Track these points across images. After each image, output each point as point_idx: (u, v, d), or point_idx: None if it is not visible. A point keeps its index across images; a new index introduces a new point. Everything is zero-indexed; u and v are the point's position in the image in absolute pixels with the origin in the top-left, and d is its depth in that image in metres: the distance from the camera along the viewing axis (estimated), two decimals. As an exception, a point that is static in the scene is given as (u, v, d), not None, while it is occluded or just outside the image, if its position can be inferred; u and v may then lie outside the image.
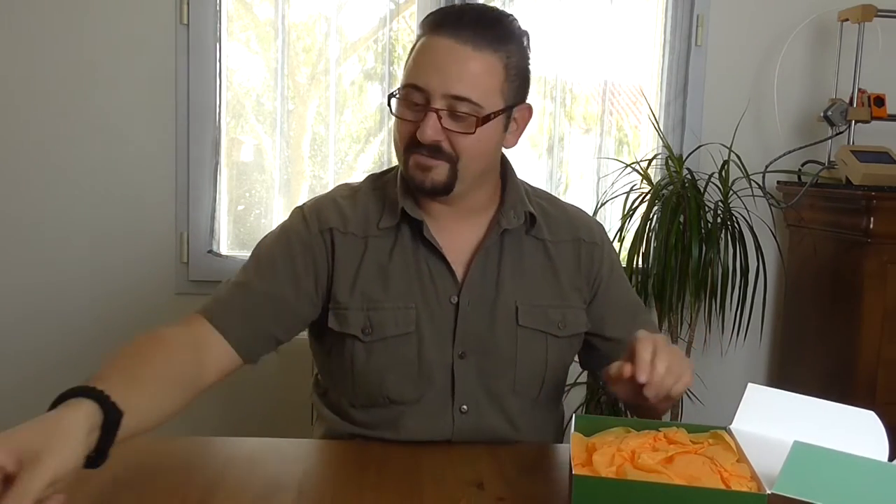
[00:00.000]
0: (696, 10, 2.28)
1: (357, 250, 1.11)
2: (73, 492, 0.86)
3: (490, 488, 0.91)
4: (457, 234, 1.13)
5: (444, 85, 1.03)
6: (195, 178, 2.23)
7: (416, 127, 1.04)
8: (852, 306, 1.99)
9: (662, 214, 2.08)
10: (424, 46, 1.06)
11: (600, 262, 1.20)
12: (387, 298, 1.10)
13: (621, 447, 0.82)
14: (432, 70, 1.03)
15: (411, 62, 1.07)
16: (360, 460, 1.01)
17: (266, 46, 2.30)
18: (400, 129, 1.08)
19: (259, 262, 1.12)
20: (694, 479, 0.76)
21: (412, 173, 1.07)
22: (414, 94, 1.05)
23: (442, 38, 1.04)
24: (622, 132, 2.43)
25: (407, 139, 1.06)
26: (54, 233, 2.22)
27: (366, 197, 1.16)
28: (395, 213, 1.12)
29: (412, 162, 1.07)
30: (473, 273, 1.12)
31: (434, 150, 1.05)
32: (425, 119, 1.03)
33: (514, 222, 1.13)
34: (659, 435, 0.86)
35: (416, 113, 1.05)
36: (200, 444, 1.03)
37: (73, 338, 2.25)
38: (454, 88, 1.03)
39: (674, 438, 0.86)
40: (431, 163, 1.05)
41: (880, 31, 2.19)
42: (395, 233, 1.12)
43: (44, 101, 2.19)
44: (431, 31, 1.06)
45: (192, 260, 2.25)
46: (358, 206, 1.14)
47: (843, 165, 2.07)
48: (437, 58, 1.04)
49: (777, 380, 2.37)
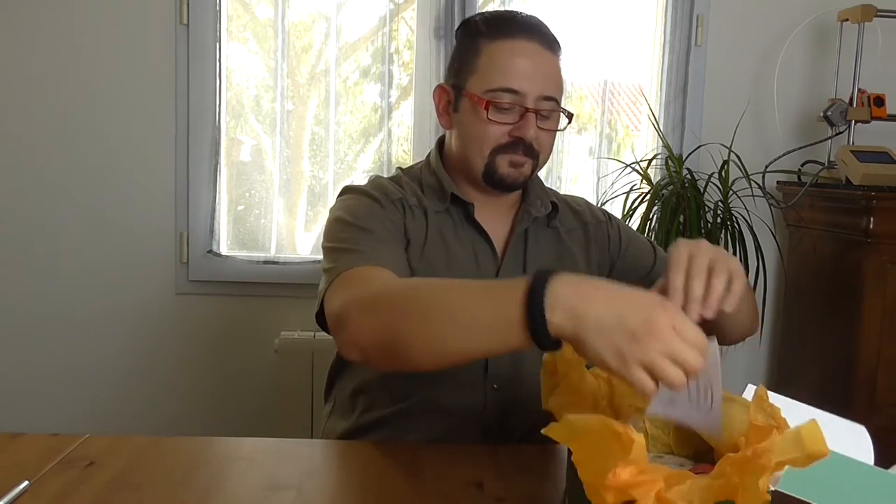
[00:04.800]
0: (696, 10, 2.28)
1: (422, 222, 1.16)
2: (74, 492, 0.86)
3: (490, 488, 0.91)
4: (495, 220, 1.20)
5: (539, 87, 1.09)
6: (195, 178, 2.23)
7: (509, 129, 1.10)
8: (852, 306, 1.99)
9: (662, 214, 2.08)
10: (509, 49, 1.11)
11: (615, 235, 1.27)
12: (448, 270, 1.14)
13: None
14: (528, 74, 1.09)
15: (496, 65, 1.11)
16: (360, 460, 1.01)
17: (265, 46, 2.30)
18: (490, 132, 1.11)
19: (353, 229, 1.08)
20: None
21: (505, 172, 1.12)
22: (506, 98, 1.09)
23: (524, 41, 1.11)
24: (622, 132, 2.43)
25: (498, 141, 1.11)
26: (54, 233, 2.22)
27: (408, 184, 1.20)
28: (441, 198, 1.17)
29: (504, 162, 1.12)
30: (509, 256, 1.18)
31: (528, 148, 1.11)
32: (525, 120, 1.10)
33: (542, 211, 1.21)
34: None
35: (509, 115, 1.10)
36: (200, 444, 1.03)
37: (73, 337, 2.25)
38: (547, 90, 1.10)
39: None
40: (524, 160, 1.12)
41: (880, 31, 2.19)
42: (447, 214, 1.18)
43: (44, 101, 2.19)
44: (505, 35, 1.11)
45: (192, 260, 2.25)
46: (406, 189, 1.19)
47: (843, 165, 2.07)
48: (529, 61, 1.10)
49: (777, 380, 2.37)
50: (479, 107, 1.10)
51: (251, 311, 2.28)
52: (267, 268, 2.26)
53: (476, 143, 1.13)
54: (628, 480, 0.62)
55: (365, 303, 0.92)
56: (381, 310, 0.89)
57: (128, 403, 2.26)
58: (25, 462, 0.93)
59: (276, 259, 2.27)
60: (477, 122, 1.12)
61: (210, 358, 2.28)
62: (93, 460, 0.95)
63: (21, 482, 0.85)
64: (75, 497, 0.85)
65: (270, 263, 2.26)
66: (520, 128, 1.10)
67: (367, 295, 0.93)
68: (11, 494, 0.83)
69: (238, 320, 2.29)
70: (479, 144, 1.13)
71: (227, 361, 2.27)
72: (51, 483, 0.88)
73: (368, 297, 0.92)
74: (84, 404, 2.26)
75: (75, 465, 0.93)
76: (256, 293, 2.27)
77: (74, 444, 0.99)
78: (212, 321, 2.28)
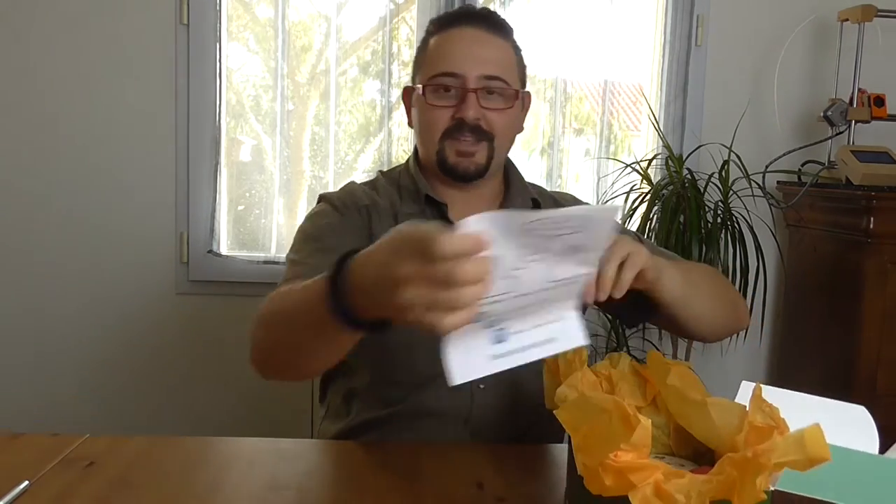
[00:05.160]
0: (696, 10, 2.28)
1: (391, 226, 1.13)
2: (74, 492, 0.86)
3: (490, 488, 0.91)
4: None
5: (478, 67, 1.10)
6: (195, 178, 2.23)
7: (452, 112, 1.10)
8: (852, 306, 1.99)
9: (662, 214, 2.08)
10: (448, 38, 1.13)
11: None
12: None
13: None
14: (464, 55, 1.11)
15: (435, 54, 1.13)
16: (360, 460, 1.00)
17: (266, 46, 2.30)
18: (434, 117, 1.12)
19: (307, 241, 1.11)
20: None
21: (453, 161, 1.12)
22: (446, 81, 1.11)
23: (464, 28, 1.13)
24: (622, 132, 2.43)
25: (443, 126, 1.11)
26: (54, 233, 2.22)
27: (384, 187, 1.20)
28: (416, 200, 1.16)
29: (451, 150, 1.12)
30: None
31: (474, 130, 1.10)
32: (465, 101, 1.09)
33: (522, 206, 1.18)
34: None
35: (451, 98, 1.11)
36: (200, 444, 1.03)
37: (73, 337, 2.25)
38: (489, 69, 1.10)
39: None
40: (473, 147, 1.11)
41: (880, 31, 2.19)
42: (421, 217, 1.16)
43: (44, 102, 2.19)
44: (448, 26, 1.14)
45: (192, 260, 2.25)
46: (381, 193, 1.19)
47: (843, 165, 2.07)
48: (466, 44, 1.12)
49: (777, 380, 2.37)
50: (422, 94, 1.13)
51: (251, 311, 2.25)
52: (267, 268, 2.26)
53: (425, 132, 1.14)
54: (629, 462, 0.61)
55: (255, 320, 0.97)
56: (261, 325, 0.95)
57: (128, 403, 2.26)
58: (25, 462, 0.93)
59: (277, 259, 2.27)
60: (423, 111, 1.14)
61: (210, 358, 2.27)
62: (93, 460, 0.95)
63: (21, 482, 0.85)
64: (75, 497, 0.85)
65: (270, 263, 2.27)
66: (460, 108, 1.10)
67: (259, 313, 0.97)
68: (11, 494, 0.83)
69: (238, 320, 2.27)
70: (427, 131, 1.14)
71: (227, 361, 2.27)
72: (51, 483, 0.88)
73: (259, 314, 0.97)
74: (84, 404, 2.26)
75: (75, 465, 0.93)
76: (257, 293, 2.25)
77: (74, 444, 0.99)
78: (212, 321, 2.28)
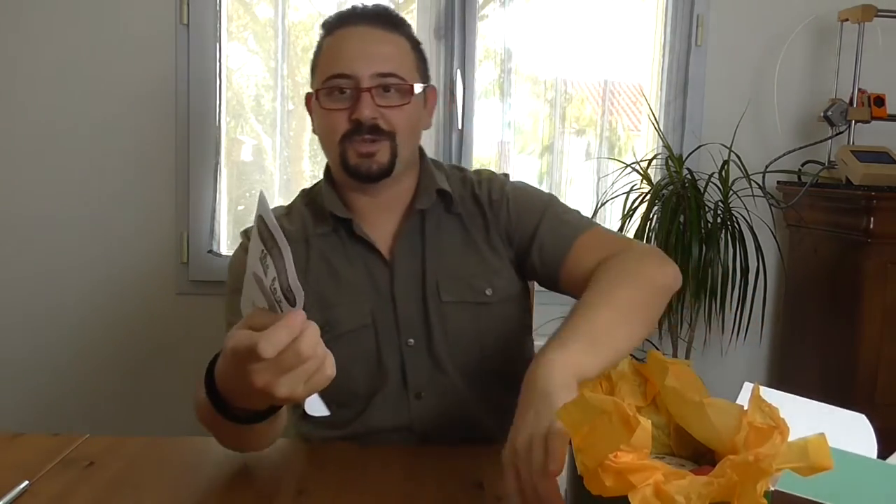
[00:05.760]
0: (696, 10, 2.28)
1: (301, 254, 1.14)
2: (74, 492, 0.86)
3: (490, 488, 0.91)
4: (383, 225, 1.16)
5: (370, 65, 1.07)
6: (195, 178, 2.23)
7: (348, 114, 1.08)
8: (852, 306, 1.99)
9: (662, 214, 2.08)
10: (339, 38, 1.11)
11: (506, 214, 1.17)
12: (340, 295, 1.12)
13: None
14: (355, 55, 1.08)
15: (328, 56, 1.11)
16: (360, 460, 1.00)
17: (265, 46, 2.30)
18: (331, 121, 1.10)
19: (231, 293, 1.10)
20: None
21: (354, 162, 1.09)
22: (339, 83, 1.08)
23: (355, 27, 1.11)
24: (622, 132, 2.43)
25: (341, 129, 1.09)
26: (54, 233, 2.22)
27: (299, 210, 1.19)
28: (326, 219, 1.15)
29: (352, 151, 1.09)
30: (398, 261, 1.14)
31: (373, 130, 1.08)
32: (360, 101, 1.07)
33: (427, 202, 1.15)
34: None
35: (346, 100, 1.08)
36: (200, 444, 1.03)
37: (73, 338, 2.25)
38: (381, 66, 1.08)
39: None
40: (373, 147, 1.08)
41: (880, 31, 2.19)
42: (335, 236, 1.15)
43: (44, 101, 2.19)
44: (339, 27, 1.12)
45: (193, 260, 2.25)
46: (294, 218, 1.18)
47: (843, 165, 2.07)
48: (355, 44, 1.09)
49: (777, 380, 2.37)
50: (317, 99, 1.11)
51: (251, 311, 2.27)
52: (267, 268, 2.26)
53: (325, 137, 1.13)
54: (629, 463, 0.61)
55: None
56: (199, 420, 0.94)
57: (128, 403, 2.26)
58: (25, 462, 0.93)
59: (277, 259, 2.27)
60: (320, 116, 1.12)
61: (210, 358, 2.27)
62: (93, 460, 0.95)
63: (21, 482, 0.85)
64: (75, 497, 0.85)
65: (270, 263, 2.26)
66: (355, 109, 1.07)
67: (194, 402, 0.95)
68: (11, 494, 0.83)
69: (238, 320, 2.28)
70: (327, 136, 1.12)
71: (228, 361, 2.27)
72: (51, 483, 0.88)
73: (195, 404, 0.95)
74: (84, 404, 2.26)
75: (75, 465, 0.93)
76: (256, 293, 2.26)
77: (74, 444, 0.99)
78: (212, 321, 2.27)
